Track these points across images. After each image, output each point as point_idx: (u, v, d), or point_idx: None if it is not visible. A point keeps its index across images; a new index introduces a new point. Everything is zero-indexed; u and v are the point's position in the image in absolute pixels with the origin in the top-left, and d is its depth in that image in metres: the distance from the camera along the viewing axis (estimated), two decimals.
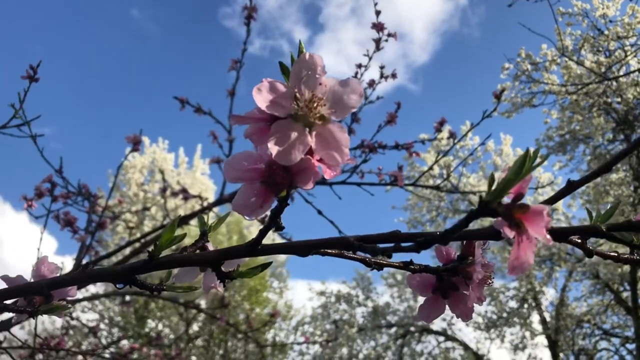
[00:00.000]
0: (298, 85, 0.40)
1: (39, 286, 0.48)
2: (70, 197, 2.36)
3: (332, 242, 0.48)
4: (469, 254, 0.58)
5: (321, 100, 0.40)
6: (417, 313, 0.59)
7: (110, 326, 7.24)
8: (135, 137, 2.00)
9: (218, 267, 0.48)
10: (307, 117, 0.40)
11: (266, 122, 0.42)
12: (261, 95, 0.39)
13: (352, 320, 8.47)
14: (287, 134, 0.39)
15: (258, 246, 0.47)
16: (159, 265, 0.48)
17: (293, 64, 0.40)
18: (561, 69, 6.88)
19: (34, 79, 1.94)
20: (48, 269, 0.55)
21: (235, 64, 2.52)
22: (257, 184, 0.42)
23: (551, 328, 7.82)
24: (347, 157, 0.40)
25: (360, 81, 2.63)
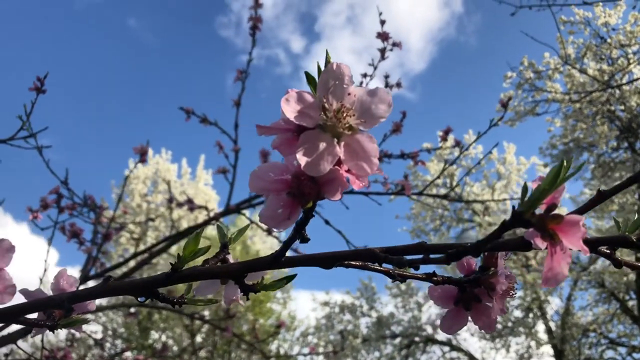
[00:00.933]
0: (326, 95, 0.39)
1: (60, 300, 0.47)
2: (75, 208, 2.35)
3: (357, 253, 0.47)
4: (491, 264, 0.57)
5: (349, 111, 0.39)
6: (440, 325, 0.58)
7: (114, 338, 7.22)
8: (142, 147, 2.00)
9: (241, 280, 0.48)
10: (336, 128, 0.39)
11: (293, 132, 0.42)
12: (289, 106, 0.39)
13: (356, 330, 8.43)
14: (316, 144, 0.39)
15: (281, 258, 0.46)
16: (182, 278, 0.47)
17: (320, 74, 0.40)
18: (564, 77, 6.88)
19: (41, 91, 1.94)
20: (67, 282, 0.54)
21: (240, 74, 2.52)
22: (283, 195, 0.41)
23: (557, 337, 7.76)
24: (376, 168, 0.39)
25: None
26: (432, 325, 8.57)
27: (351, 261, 0.48)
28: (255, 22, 2.54)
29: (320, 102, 0.39)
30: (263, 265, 0.47)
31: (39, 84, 1.95)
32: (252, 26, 2.55)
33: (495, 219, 8.12)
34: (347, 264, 0.49)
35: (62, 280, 0.54)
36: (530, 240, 0.40)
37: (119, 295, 0.50)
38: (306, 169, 0.38)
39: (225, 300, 0.53)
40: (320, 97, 0.39)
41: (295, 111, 0.39)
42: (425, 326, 8.59)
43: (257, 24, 2.55)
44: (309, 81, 0.42)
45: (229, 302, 0.53)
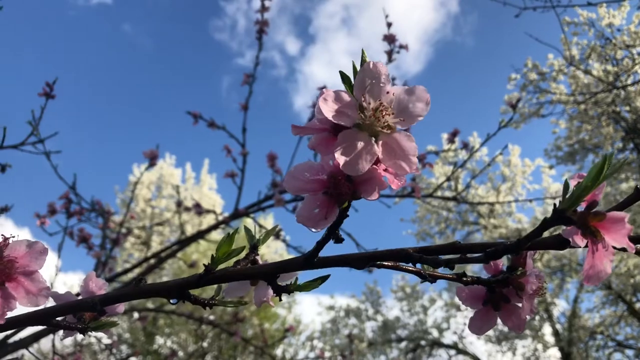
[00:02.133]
0: (363, 94, 0.39)
1: (92, 302, 0.47)
2: (83, 213, 2.36)
3: (389, 254, 0.47)
4: (519, 264, 0.57)
5: (387, 109, 0.39)
6: (469, 326, 0.58)
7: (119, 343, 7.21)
8: (152, 152, 2.00)
9: (274, 281, 0.48)
10: (373, 127, 0.39)
11: (328, 132, 0.41)
12: (327, 105, 0.39)
13: (361, 334, 8.41)
14: (354, 143, 0.38)
15: (314, 259, 0.46)
16: (215, 280, 0.47)
17: (357, 73, 0.40)
18: (568, 79, 6.87)
19: (50, 96, 1.95)
20: (96, 285, 0.54)
21: (247, 78, 2.52)
22: (319, 195, 0.41)
23: (564, 340, 7.73)
24: (415, 167, 0.39)
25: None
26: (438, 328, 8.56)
27: (384, 261, 0.48)
28: (262, 25, 2.54)
29: (357, 101, 0.39)
30: (296, 266, 0.47)
31: (48, 89, 1.95)
32: (259, 30, 2.55)
33: (501, 221, 8.10)
34: (378, 264, 0.49)
35: (91, 283, 0.54)
36: (568, 238, 0.40)
37: (150, 297, 0.50)
38: (345, 169, 0.38)
39: (256, 301, 0.53)
40: (357, 96, 0.39)
41: (333, 110, 0.39)
42: (431, 329, 8.57)
43: (263, 27, 2.56)
44: (344, 80, 0.41)
45: (260, 303, 0.52)
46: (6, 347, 1.64)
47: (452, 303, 8.67)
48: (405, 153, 0.39)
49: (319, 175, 0.41)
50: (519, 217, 8.42)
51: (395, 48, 2.61)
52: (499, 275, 0.57)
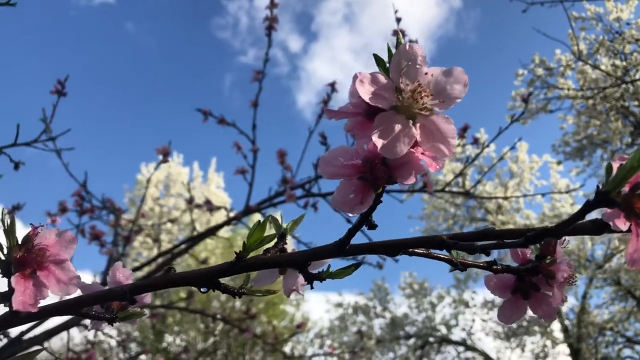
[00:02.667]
0: (398, 77, 0.39)
1: (122, 291, 0.47)
2: (94, 211, 2.36)
3: (423, 240, 0.46)
4: (548, 253, 0.56)
5: (425, 91, 0.38)
6: (498, 315, 0.57)
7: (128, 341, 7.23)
8: (164, 148, 2.00)
9: (305, 269, 0.47)
10: (411, 109, 0.38)
11: (362, 115, 0.41)
12: (363, 87, 0.38)
13: (370, 331, 8.40)
14: (391, 126, 0.38)
15: (346, 246, 0.46)
16: (246, 267, 0.47)
17: (393, 56, 0.39)
18: (576, 74, 6.83)
19: (62, 93, 1.95)
20: (123, 275, 0.54)
21: (257, 74, 2.52)
22: (354, 179, 0.41)
23: (573, 336, 7.70)
24: (454, 149, 0.38)
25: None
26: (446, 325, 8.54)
27: (417, 248, 0.47)
28: (271, 22, 2.54)
29: (394, 84, 0.39)
30: (327, 253, 0.46)
31: (60, 87, 1.96)
32: (268, 26, 2.55)
33: (509, 217, 8.07)
34: (410, 252, 0.48)
35: (118, 273, 0.53)
36: (609, 221, 0.39)
37: (180, 286, 0.50)
38: (382, 152, 0.37)
39: (285, 290, 0.52)
40: (394, 79, 0.39)
41: (369, 93, 0.38)
42: (440, 326, 8.55)
43: (272, 24, 2.55)
44: (379, 63, 0.41)
45: (289, 292, 0.52)
46: (21, 344, 1.64)
47: (460, 300, 8.65)
48: (443, 135, 0.38)
49: (354, 160, 0.41)
50: (527, 214, 8.39)
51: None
52: (528, 263, 0.57)
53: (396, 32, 2.62)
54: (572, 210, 8.22)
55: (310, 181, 2.33)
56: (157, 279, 0.48)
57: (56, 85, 1.92)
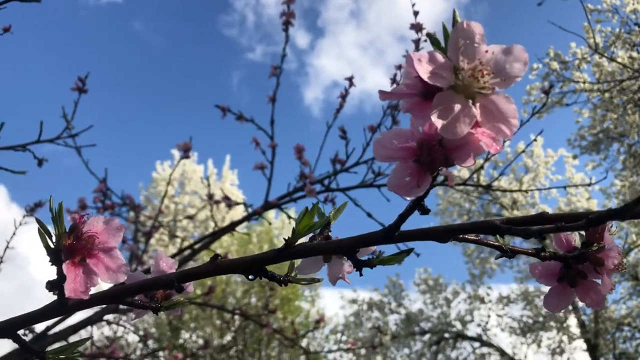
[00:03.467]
0: (457, 55, 0.38)
1: (170, 279, 0.46)
2: (114, 207, 2.37)
3: (476, 225, 0.45)
4: (595, 240, 0.55)
5: (485, 70, 0.37)
6: (544, 303, 0.56)
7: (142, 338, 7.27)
8: (185, 144, 2.00)
9: (354, 255, 0.46)
10: (470, 88, 0.37)
11: (417, 96, 0.40)
12: (422, 66, 0.37)
13: (385, 327, 8.39)
14: (450, 106, 0.37)
15: (396, 232, 0.45)
16: (294, 254, 0.46)
17: (451, 34, 0.38)
18: (592, 67, 6.76)
19: (83, 90, 1.96)
20: (167, 264, 0.53)
21: (275, 70, 2.52)
22: (410, 162, 0.40)
23: (590, 332, 7.63)
24: (515, 129, 0.37)
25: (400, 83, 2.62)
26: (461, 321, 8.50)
27: (468, 234, 0.46)
28: (288, 17, 2.53)
29: (451, 63, 0.38)
30: (376, 239, 0.45)
31: (81, 84, 1.97)
32: (285, 21, 2.54)
33: (524, 212, 8.01)
34: (461, 238, 0.47)
35: (162, 262, 0.53)
36: None
37: (226, 274, 0.49)
38: (442, 132, 0.37)
39: (330, 278, 0.52)
40: (452, 57, 0.38)
41: (427, 72, 0.37)
42: (455, 322, 8.51)
43: (289, 19, 2.54)
44: (433, 42, 0.40)
45: (335, 280, 0.51)
46: (46, 339, 1.65)
47: (476, 295, 8.61)
48: (504, 115, 0.37)
49: (408, 142, 0.40)
50: (542, 208, 8.31)
51: (422, 37, 2.58)
52: (573, 250, 0.56)
53: (413, 26, 2.61)
54: (589, 205, 8.15)
55: (329, 176, 2.32)
56: (204, 267, 0.47)
57: (77, 83, 1.93)
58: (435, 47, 0.40)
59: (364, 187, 2.21)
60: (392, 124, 2.55)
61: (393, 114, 2.56)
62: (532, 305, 8.31)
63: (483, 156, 2.78)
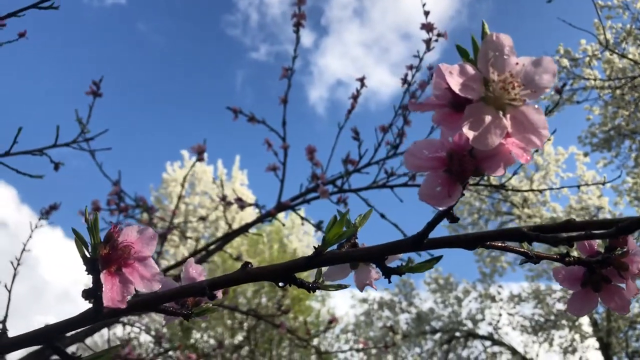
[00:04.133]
0: (486, 67, 0.38)
1: (202, 287, 0.47)
2: (128, 210, 2.39)
3: (504, 233, 0.46)
4: (618, 244, 0.55)
5: (515, 82, 0.38)
6: (568, 307, 0.57)
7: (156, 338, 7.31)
8: (199, 146, 2.02)
9: (382, 263, 0.47)
10: (500, 100, 0.38)
11: (446, 107, 0.41)
12: (453, 79, 0.38)
13: (396, 327, 8.39)
14: (481, 117, 0.37)
15: (424, 240, 0.45)
16: (323, 262, 0.47)
17: (481, 46, 0.39)
18: (603, 64, 6.72)
19: (97, 94, 1.97)
20: (196, 271, 0.54)
21: (286, 71, 2.52)
22: (440, 172, 0.40)
23: (602, 330, 7.60)
24: (545, 139, 0.38)
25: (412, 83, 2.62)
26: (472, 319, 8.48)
27: (495, 242, 0.47)
28: (299, 18, 2.54)
29: (481, 74, 0.38)
30: (404, 247, 0.46)
31: (95, 87, 1.98)
32: (296, 23, 2.55)
33: (535, 210, 7.98)
34: (488, 245, 0.48)
35: (191, 270, 0.54)
36: None
37: (257, 281, 0.50)
38: (474, 143, 0.37)
39: (358, 284, 0.52)
40: (482, 69, 0.38)
41: (458, 84, 0.38)
42: (466, 321, 8.50)
43: (300, 20, 2.55)
44: (462, 54, 0.40)
45: (362, 286, 0.52)
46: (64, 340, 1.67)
47: (487, 294, 8.59)
48: (534, 126, 0.38)
49: (438, 152, 0.41)
50: (553, 206, 8.29)
51: (433, 37, 2.58)
52: (597, 255, 0.56)
53: (424, 26, 2.61)
54: (600, 203, 8.10)
55: (342, 176, 2.33)
56: (235, 274, 0.48)
57: (91, 87, 1.94)
58: (464, 59, 0.40)
59: (377, 188, 2.21)
60: (403, 123, 2.55)
61: (404, 114, 2.56)
62: (543, 303, 8.28)
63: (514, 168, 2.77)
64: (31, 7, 1.22)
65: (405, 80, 2.61)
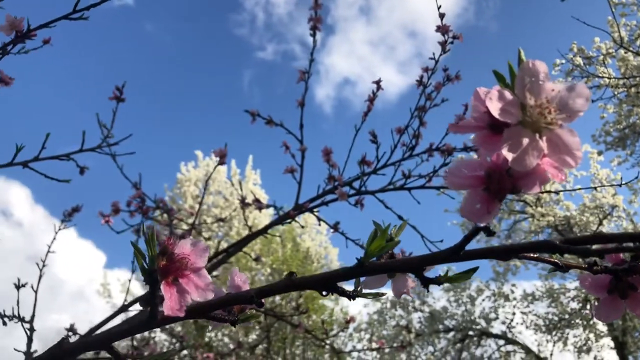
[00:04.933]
0: (523, 93, 0.41)
1: (250, 295, 0.50)
2: (149, 211, 2.43)
3: (536, 245, 0.48)
4: None
5: (549, 107, 0.41)
6: (596, 314, 0.59)
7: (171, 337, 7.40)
8: (221, 150, 2.05)
9: (421, 273, 0.50)
10: (537, 124, 0.41)
11: (485, 129, 0.43)
12: (492, 104, 0.40)
13: (409, 325, 8.40)
14: (519, 140, 0.40)
15: (461, 252, 0.48)
16: (366, 272, 0.50)
17: (517, 72, 0.41)
18: (617, 62, 6.69)
19: (120, 99, 2.02)
20: (240, 279, 0.57)
21: (303, 74, 2.55)
22: (480, 190, 0.43)
23: (618, 329, 7.56)
24: (579, 160, 0.40)
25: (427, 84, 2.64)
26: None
27: (528, 253, 0.49)
28: (315, 22, 2.56)
29: (518, 100, 0.41)
30: (442, 258, 0.49)
31: (118, 93, 2.03)
32: (313, 27, 2.57)
33: (548, 209, 7.96)
34: (520, 256, 0.50)
35: (236, 278, 0.57)
36: None
37: (301, 290, 0.53)
38: (513, 164, 0.40)
39: (395, 292, 0.55)
40: (519, 95, 0.41)
41: (497, 109, 0.40)
42: (479, 320, 8.49)
43: (317, 24, 2.58)
44: (499, 79, 0.43)
45: (399, 294, 0.55)
46: None
47: (500, 293, 8.57)
48: (569, 148, 0.40)
49: (477, 171, 0.43)
50: (566, 205, 8.26)
51: (449, 39, 2.60)
52: (623, 264, 0.58)
53: (439, 28, 2.62)
54: (614, 201, 8.05)
55: (359, 177, 2.35)
56: (280, 283, 0.51)
57: (114, 92, 1.98)
58: (501, 83, 0.43)
59: (395, 190, 2.23)
60: (418, 125, 2.57)
61: (420, 116, 2.58)
62: (557, 302, 8.25)
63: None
64: (62, 19, 1.26)
65: (421, 82, 2.63)
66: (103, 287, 8.42)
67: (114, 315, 1.50)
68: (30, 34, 1.31)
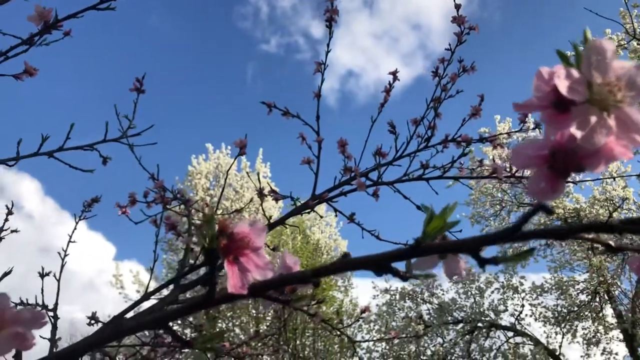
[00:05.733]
0: (590, 71, 0.41)
1: (306, 275, 0.51)
2: (167, 202, 2.44)
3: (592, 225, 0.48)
4: None
5: (618, 84, 0.41)
6: None
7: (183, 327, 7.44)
8: (241, 141, 2.05)
9: (478, 254, 0.50)
10: (605, 102, 0.41)
11: (549, 108, 0.43)
12: (560, 81, 0.41)
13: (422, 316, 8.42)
14: (587, 118, 0.40)
15: (518, 232, 0.48)
16: (423, 252, 0.50)
17: (584, 51, 0.42)
18: (629, 54, 6.65)
19: (140, 91, 2.02)
20: (292, 261, 0.58)
21: (319, 66, 2.55)
22: (544, 169, 0.43)
23: (627, 322, 7.54)
24: None
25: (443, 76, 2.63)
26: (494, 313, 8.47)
27: (585, 233, 0.50)
28: (331, 14, 2.55)
29: (585, 78, 0.41)
30: (500, 238, 0.49)
31: (138, 84, 2.03)
32: (328, 18, 2.56)
33: (558, 202, 7.93)
34: (579, 236, 0.51)
35: (287, 259, 0.58)
36: None
37: (357, 270, 0.54)
38: (582, 142, 0.40)
39: (447, 273, 0.56)
40: (585, 73, 0.41)
41: (565, 86, 0.41)
42: (488, 312, 8.49)
43: (333, 16, 2.57)
44: (562, 58, 0.43)
45: (451, 275, 0.55)
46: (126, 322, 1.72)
47: (509, 285, 8.57)
48: (638, 126, 0.41)
49: (541, 151, 0.44)
50: (576, 197, 8.24)
51: (465, 30, 2.59)
52: None
53: (455, 19, 2.61)
54: (625, 193, 8.02)
55: (375, 168, 2.35)
56: (336, 263, 0.52)
57: (135, 83, 1.99)
58: (564, 62, 0.43)
59: (412, 181, 2.23)
60: (434, 116, 2.57)
61: (435, 107, 2.57)
62: (566, 294, 8.24)
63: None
64: (90, 9, 1.27)
65: (437, 73, 2.62)
66: (115, 278, 8.48)
67: (140, 300, 1.52)
68: (57, 25, 1.32)
